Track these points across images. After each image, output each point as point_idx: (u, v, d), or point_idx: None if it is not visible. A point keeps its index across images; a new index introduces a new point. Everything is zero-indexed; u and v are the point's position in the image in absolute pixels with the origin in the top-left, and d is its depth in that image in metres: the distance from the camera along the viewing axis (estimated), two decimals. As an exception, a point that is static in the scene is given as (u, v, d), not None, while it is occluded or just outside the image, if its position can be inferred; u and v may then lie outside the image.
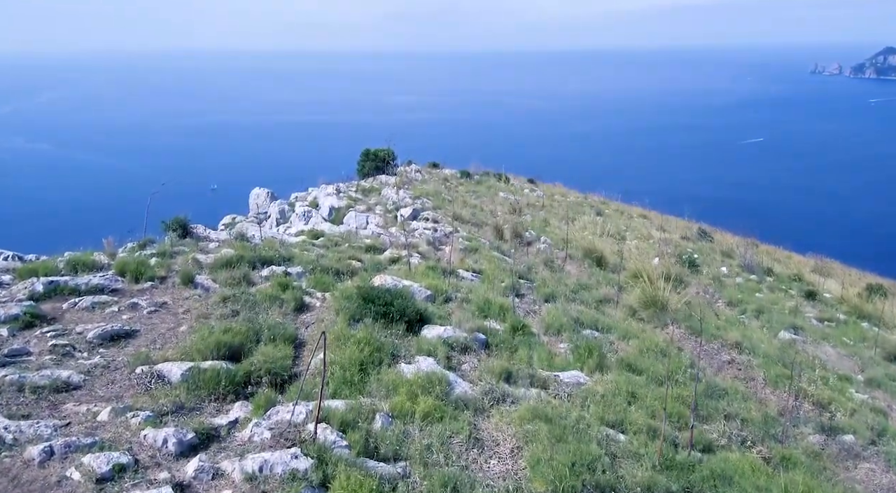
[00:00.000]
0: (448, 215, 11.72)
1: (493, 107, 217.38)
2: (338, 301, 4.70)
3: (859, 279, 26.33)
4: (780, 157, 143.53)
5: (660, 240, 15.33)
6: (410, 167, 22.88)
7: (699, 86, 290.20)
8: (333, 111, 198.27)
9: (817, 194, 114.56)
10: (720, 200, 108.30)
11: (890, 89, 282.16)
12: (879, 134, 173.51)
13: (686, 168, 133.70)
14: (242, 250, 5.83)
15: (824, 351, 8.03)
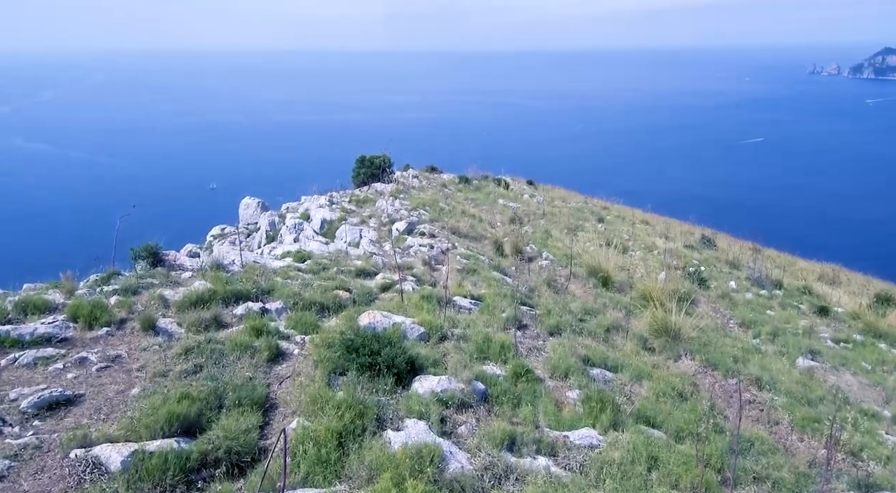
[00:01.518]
0: (446, 228, 11.20)
1: (492, 106, 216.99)
2: (318, 351, 4.16)
3: (866, 286, 25.86)
4: (780, 157, 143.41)
5: (664, 251, 14.81)
6: (408, 172, 22.37)
7: (698, 86, 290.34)
8: (332, 111, 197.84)
9: (817, 194, 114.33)
10: (721, 201, 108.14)
11: (888, 89, 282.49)
12: (877, 134, 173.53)
13: (686, 168, 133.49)
14: (216, 282, 5.29)
15: (845, 380, 7.53)
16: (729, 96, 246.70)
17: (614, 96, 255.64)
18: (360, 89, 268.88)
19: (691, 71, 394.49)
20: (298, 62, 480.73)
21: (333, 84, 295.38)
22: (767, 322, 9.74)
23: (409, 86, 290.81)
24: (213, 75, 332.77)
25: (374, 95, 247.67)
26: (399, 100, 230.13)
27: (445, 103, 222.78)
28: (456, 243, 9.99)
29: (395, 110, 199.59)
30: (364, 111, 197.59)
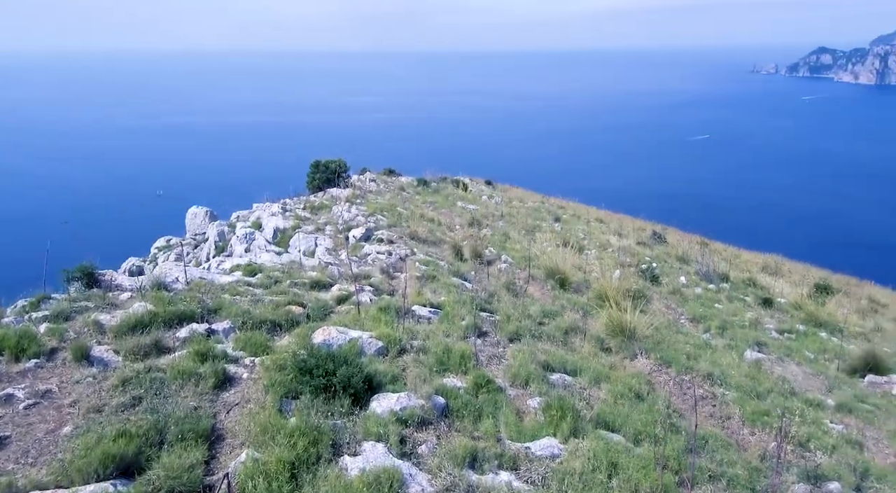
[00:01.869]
0: (404, 234, 11.08)
1: (453, 107, 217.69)
2: (269, 374, 3.97)
3: (805, 275, 27.35)
4: (724, 153, 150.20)
5: (619, 249, 15.18)
6: (365, 176, 22.09)
7: (648, 86, 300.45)
8: (290, 112, 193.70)
9: (759, 188, 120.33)
10: (671, 196, 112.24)
11: (821, 87, 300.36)
12: (813, 130, 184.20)
13: (638, 166, 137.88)
14: (158, 303, 4.99)
15: (791, 371, 7.88)
16: (676, 96, 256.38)
17: (571, 97, 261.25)
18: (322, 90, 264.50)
19: (641, 71, 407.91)
20: (260, 62, 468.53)
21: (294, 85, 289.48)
22: (716, 316, 10.11)
23: (373, 87, 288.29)
24: (171, 75, 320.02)
25: (335, 96, 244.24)
26: (361, 101, 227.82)
27: (407, 104, 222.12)
28: (415, 249, 9.89)
29: (357, 112, 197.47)
30: (324, 112, 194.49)
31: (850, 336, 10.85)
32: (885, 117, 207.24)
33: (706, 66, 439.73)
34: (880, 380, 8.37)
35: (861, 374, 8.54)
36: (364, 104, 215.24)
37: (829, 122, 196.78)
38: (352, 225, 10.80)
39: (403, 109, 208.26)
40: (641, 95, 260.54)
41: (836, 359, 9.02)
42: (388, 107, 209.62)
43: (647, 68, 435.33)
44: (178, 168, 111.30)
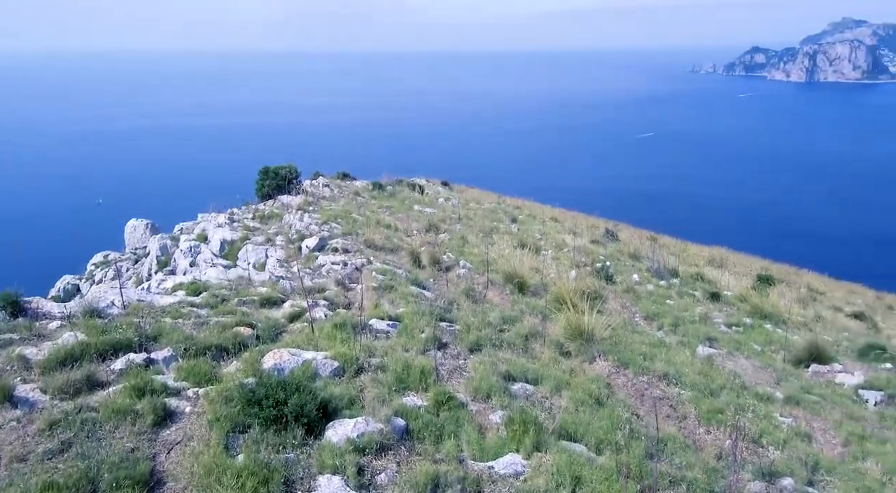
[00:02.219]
0: (360, 242, 10.83)
1: (407, 107, 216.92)
2: (214, 407, 3.71)
3: (749, 266, 28.70)
4: (669, 149, 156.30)
5: (574, 248, 15.42)
6: (318, 181, 21.60)
7: (595, 86, 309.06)
8: (240, 114, 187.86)
9: (703, 183, 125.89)
10: (621, 192, 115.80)
11: (756, 85, 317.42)
12: (750, 126, 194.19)
13: (588, 163, 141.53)
14: (90, 332, 4.60)
15: (741, 365, 8.17)
16: (620, 95, 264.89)
17: (522, 97, 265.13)
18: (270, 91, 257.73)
19: (586, 72, 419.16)
20: (204, 63, 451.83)
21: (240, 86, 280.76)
22: (668, 313, 10.39)
23: (321, 87, 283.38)
24: (111, 78, 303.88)
25: (285, 96, 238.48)
26: (313, 102, 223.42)
27: (361, 105, 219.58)
28: (371, 258, 9.67)
29: (308, 113, 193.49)
30: (274, 114, 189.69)
31: (794, 327, 11.39)
32: (815, 113, 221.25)
33: (648, 66, 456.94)
34: (823, 369, 8.81)
35: (805, 364, 8.97)
36: (315, 105, 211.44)
37: (765, 118, 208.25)
38: (304, 235, 10.46)
39: (357, 109, 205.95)
40: (588, 95, 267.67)
41: (781, 350, 9.43)
42: (341, 108, 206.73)
43: (592, 69, 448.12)
44: (119, 175, 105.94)
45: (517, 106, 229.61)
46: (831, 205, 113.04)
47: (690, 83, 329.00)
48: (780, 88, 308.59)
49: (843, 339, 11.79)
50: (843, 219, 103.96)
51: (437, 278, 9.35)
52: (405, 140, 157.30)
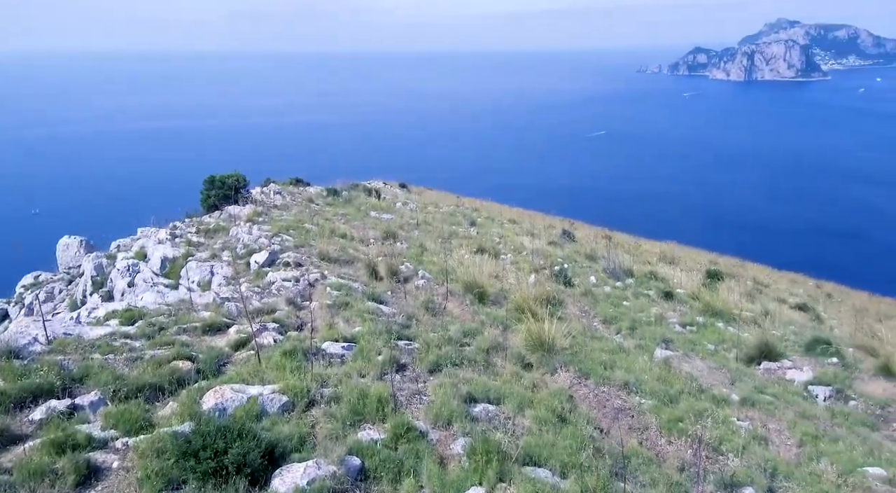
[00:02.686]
0: (313, 255, 10.41)
1: (361, 109, 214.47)
2: (144, 462, 3.34)
3: (697, 261, 29.70)
4: (620, 147, 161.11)
5: (532, 251, 15.46)
6: (269, 188, 20.89)
7: (546, 86, 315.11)
8: (185, 117, 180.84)
9: (654, 179, 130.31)
10: (576, 190, 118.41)
11: (699, 84, 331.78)
12: (695, 123, 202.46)
13: (543, 162, 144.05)
14: (6, 376, 4.11)
15: (696, 366, 8.29)
16: (572, 95, 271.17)
17: (474, 98, 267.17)
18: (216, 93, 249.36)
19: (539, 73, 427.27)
20: (146, 64, 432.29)
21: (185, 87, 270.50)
22: (625, 315, 10.49)
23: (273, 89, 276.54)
24: (45, 80, 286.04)
25: (231, 99, 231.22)
26: (262, 104, 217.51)
27: (313, 106, 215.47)
28: (325, 272, 9.29)
29: (256, 116, 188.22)
30: (221, 117, 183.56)
31: (743, 323, 11.72)
32: (754, 110, 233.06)
33: (597, 67, 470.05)
34: (774, 366, 9.07)
35: (757, 361, 9.21)
36: (267, 107, 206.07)
37: (708, 116, 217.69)
38: (253, 249, 9.96)
39: (311, 111, 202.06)
40: (541, 95, 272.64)
41: (734, 348, 9.67)
42: (295, 109, 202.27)
43: (543, 70, 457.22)
44: (56, 185, 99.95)
45: (473, 106, 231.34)
46: (771, 197, 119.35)
47: (638, 83, 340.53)
48: (721, 86, 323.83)
49: (790, 333, 12.24)
50: (782, 210, 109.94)
51: (395, 290, 9.09)
52: (362, 142, 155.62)
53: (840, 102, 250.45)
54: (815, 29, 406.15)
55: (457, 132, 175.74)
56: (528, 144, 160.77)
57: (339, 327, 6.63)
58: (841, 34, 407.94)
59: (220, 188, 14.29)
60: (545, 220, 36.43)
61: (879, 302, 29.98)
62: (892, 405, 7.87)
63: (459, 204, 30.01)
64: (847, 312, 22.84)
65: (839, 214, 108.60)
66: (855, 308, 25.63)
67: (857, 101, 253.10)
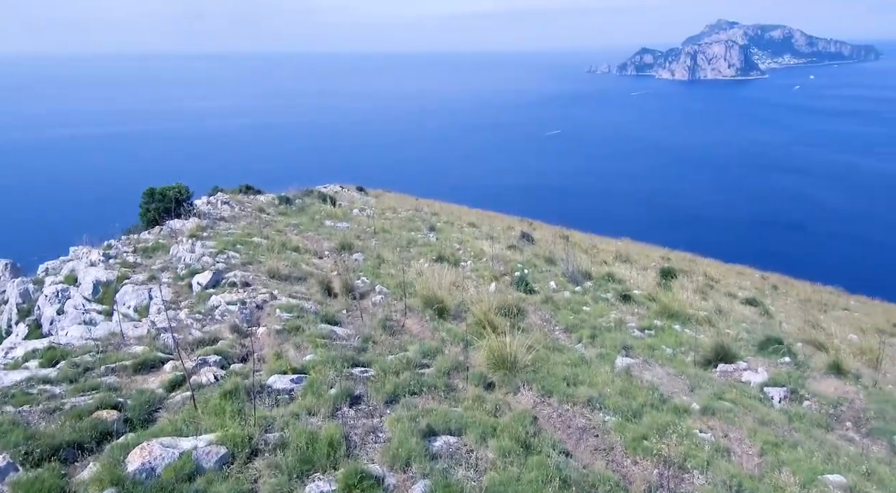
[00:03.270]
0: (263, 273, 9.86)
1: (312, 110, 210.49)
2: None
3: (651, 258, 30.45)
4: (575, 145, 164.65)
5: (492, 257, 15.31)
6: (216, 198, 19.99)
7: (500, 87, 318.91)
8: (125, 122, 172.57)
9: (606, 176, 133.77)
10: (534, 188, 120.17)
11: (646, 83, 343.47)
12: (643, 121, 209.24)
13: (501, 161, 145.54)
14: None
15: (657, 374, 8.29)
16: (526, 95, 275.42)
17: (428, 98, 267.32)
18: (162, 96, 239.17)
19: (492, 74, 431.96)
20: (74, 67, 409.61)
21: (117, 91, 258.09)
22: (586, 322, 10.46)
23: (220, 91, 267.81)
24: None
25: (174, 102, 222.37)
26: (206, 106, 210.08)
27: (263, 109, 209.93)
28: (275, 292, 8.78)
29: (202, 119, 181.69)
30: (162, 121, 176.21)
31: (698, 324, 11.91)
32: (698, 108, 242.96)
33: (549, 67, 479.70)
34: (730, 368, 9.20)
35: (714, 364, 9.32)
36: (213, 110, 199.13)
37: (655, 114, 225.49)
38: (195, 269, 9.32)
39: (261, 113, 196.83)
40: (496, 96, 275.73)
41: (691, 351, 9.76)
42: (243, 112, 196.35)
43: (497, 70, 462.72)
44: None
45: (430, 107, 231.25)
46: (718, 191, 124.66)
47: (588, 83, 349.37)
48: (667, 85, 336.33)
49: (742, 331, 12.54)
50: (728, 203, 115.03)
51: (350, 309, 8.68)
52: (318, 144, 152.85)
53: (778, 99, 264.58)
54: (753, 29, 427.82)
55: (415, 133, 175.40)
56: (486, 143, 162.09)
57: (288, 356, 6.20)
58: (776, 34, 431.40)
59: (160, 201, 13.43)
60: (504, 221, 36.59)
61: (820, 292, 31.59)
62: (843, 404, 8.08)
63: (418, 208, 29.69)
64: (792, 304, 23.86)
65: (780, 207, 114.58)
66: (799, 299, 26.88)
67: (793, 98, 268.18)
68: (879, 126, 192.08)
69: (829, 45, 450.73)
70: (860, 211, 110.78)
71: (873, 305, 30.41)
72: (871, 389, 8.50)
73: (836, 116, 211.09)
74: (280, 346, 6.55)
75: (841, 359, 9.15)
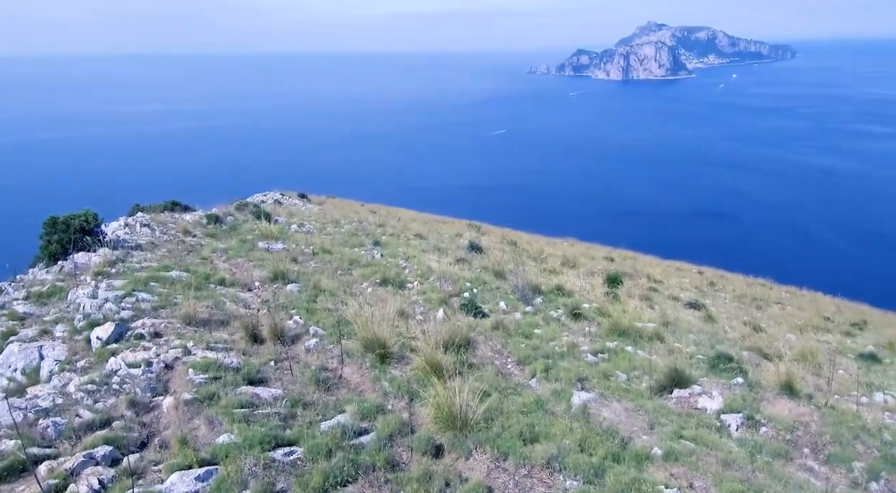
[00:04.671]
0: (178, 317, 8.70)
1: (254, 112, 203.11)
2: None
3: (595, 259, 30.73)
4: (520, 145, 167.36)
5: (439, 276, 14.61)
6: (136, 219, 18.29)
7: (443, 87, 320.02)
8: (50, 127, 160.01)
9: (550, 174, 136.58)
10: (480, 188, 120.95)
11: (583, 83, 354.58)
12: (582, 120, 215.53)
13: (447, 162, 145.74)
14: None
15: (614, 410, 7.85)
16: (469, 96, 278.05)
17: (370, 100, 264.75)
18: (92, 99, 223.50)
19: (435, 74, 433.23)
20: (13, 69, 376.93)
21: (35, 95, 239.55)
22: (539, 350, 9.96)
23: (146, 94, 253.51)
24: None
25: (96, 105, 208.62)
26: (132, 111, 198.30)
27: (194, 113, 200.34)
28: (190, 344, 7.69)
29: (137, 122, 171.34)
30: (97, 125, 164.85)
31: (648, 340, 11.70)
32: (632, 107, 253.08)
33: (491, 68, 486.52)
34: (685, 393, 8.93)
35: (669, 390, 9.03)
36: (139, 115, 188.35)
37: (593, 113, 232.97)
38: (96, 319, 8.08)
39: (192, 117, 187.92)
40: (440, 96, 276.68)
41: (645, 375, 9.45)
42: (172, 116, 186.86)
43: (439, 71, 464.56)
44: None
45: (374, 108, 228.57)
46: (654, 186, 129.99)
47: (529, 83, 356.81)
48: (603, 85, 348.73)
49: (691, 343, 12.48)
50: (664, 198, 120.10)
51: (279, 359, 7.72)
52: (257, 149, 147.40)
53: (704, 97, 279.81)
54: (680, 31, 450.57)
55: (359, 135, 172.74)
56: (432, 144, 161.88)
57: (196, 439, 5.23)
58: (701, 35, 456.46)
59: (64, 232, 11.84)
60: (453, 226, 36.04)
61: (753, 285, 32.99)
62: (798, 429, 7.93)
63: (363, 219, 28.62)
64: (731, 303, 24.58)
65: (714, 199, 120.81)
66: (736, 295, 27.83)
67: (718, 95, 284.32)
68: (797, 121, 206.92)
69: (749, 45, 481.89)
70: (783, 201, 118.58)
71: (802, 296, 32.04)
72: (823, 409, 8.43)
73: (758, 112, 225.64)
74: (189, 423, 5.56)
75: (792, 378, 9.08)
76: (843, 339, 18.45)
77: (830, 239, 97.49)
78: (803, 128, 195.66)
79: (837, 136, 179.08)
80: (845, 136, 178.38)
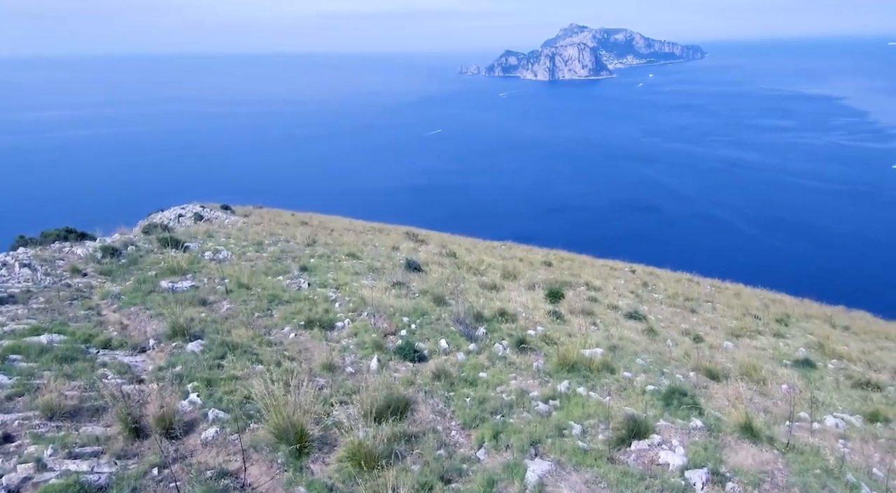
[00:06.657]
0: (38, 408, 6.87)
1: (167, 116, 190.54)
2: None
3: (535, 267, 30.28)
4: (456, 144, 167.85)
5: (374, 310, 13.27)
6: (16, 257, 15.79)
7: (376, 88, 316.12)
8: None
9: (487, 172, 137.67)
10: (416, 189, 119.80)
11: (512, 84, 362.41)
12: (512, 119, 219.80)
13: (382, 164, 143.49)
14: None
15: (573, 485, 6.94)
16: (402, 97, 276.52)
17: (298, 102, 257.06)
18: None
19: (365, 75, 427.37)
20: None
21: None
22: (486, 404, 8.93)
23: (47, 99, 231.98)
24: None
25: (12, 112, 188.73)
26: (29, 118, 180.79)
27: (102, 118, 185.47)
28: (48, 452, 5.96)
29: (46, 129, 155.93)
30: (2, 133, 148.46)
31: (598, 372, 10.99)
32: (559, 106, 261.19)
33: (422, 69, 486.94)
34: (645, 446, 8.18)
35: (627, 442, 8.26)
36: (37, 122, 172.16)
37: (523, 112, 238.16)
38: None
39: (101, 123, 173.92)
40: (373, 97, 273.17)
41: (601, 425, 8.66)
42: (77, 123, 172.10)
43: (370, 72, 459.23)
44: None
45: (301, 110, 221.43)
46: (583, 182, 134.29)
47: (461, 84, 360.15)
48: (531, 86, 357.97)
49: (640, 370, 11.89)
50: (593, 193, 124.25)
51: (165, 463, 6.15)
52: (176, 157, 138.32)
53: (625, 95, 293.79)
54: (600, 33, 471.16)
55: (290, 139, 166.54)
56: (367, 146, 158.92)
57: None
58: (620, 37, 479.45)
59: None
60: (389, 237, 34.48)
61: (681, 280, 33.87)
62: (765, 482, 7.37)
63: (291, 236, 26.55)
64: (667, 307, 24.78)
65: (636, 192, 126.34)
66: (668, 295, 28.24)
67: (637, 94, 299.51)
68: (708, 117, 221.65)
69: (663, 46, 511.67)
70: (698, 192, 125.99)
71: (727, 289, 33.28)
72: (788, 455, 7.95)
73: (673, 109, 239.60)
74: None
75: (750, 419, 8.57)
76: (776, 342, 18.84)
77: (743, 227, 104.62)
78: (713, 124, 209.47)
79: (743, 130, 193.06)
80: (750, 130, 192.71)
